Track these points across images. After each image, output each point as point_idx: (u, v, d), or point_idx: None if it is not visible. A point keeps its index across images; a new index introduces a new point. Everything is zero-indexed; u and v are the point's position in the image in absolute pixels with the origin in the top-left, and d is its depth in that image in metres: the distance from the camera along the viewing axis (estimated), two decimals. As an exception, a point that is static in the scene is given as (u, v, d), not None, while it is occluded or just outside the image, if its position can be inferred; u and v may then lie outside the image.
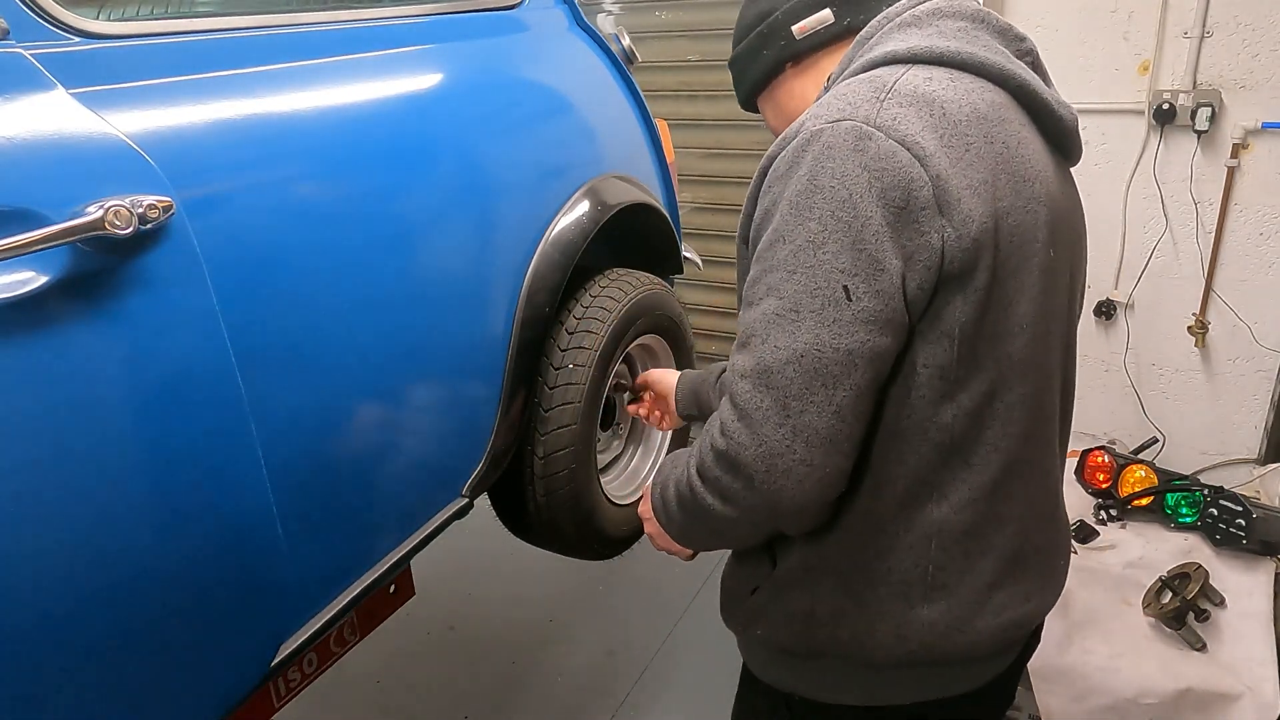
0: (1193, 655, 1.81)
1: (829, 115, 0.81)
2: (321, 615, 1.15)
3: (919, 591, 0.89)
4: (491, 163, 1.38)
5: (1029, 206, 0.83)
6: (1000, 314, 0.82)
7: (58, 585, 0.82)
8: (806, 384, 0.77)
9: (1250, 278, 2.64)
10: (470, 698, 2.32)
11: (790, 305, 0.78)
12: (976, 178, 0.79)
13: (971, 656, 0.93)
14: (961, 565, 0.90)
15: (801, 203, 0.79)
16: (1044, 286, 0.86)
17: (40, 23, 0.88)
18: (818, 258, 0.77)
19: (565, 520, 1.56)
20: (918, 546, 0.88)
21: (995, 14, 0.92)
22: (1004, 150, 0.82)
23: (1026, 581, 0.95)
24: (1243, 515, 2.01)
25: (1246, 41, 2.45)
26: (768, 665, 1.03)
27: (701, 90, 3.25)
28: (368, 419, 1.17)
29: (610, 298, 1.58)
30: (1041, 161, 0.87)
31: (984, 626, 0.91)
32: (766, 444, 0.78)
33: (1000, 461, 0.88)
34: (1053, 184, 0.88)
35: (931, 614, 0.90)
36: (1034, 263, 0.84)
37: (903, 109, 0.80)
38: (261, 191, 1.02)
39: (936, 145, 0.78)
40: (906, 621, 0.90)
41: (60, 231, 0.77)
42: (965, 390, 0.84)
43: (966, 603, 0.90)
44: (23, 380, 0.78)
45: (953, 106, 0.81)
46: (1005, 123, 0.84)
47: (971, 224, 0.78)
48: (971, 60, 0.85)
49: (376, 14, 1.35)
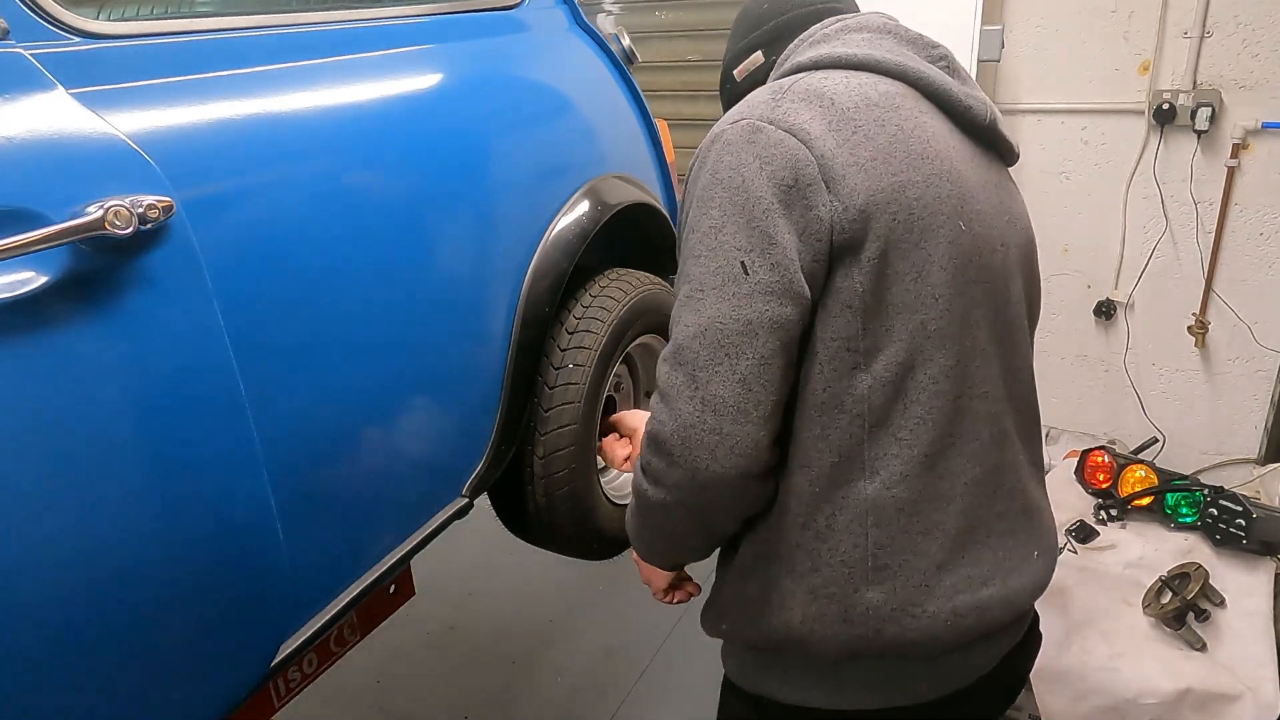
0: (1193, 655, 1.81)
1: (731, 118, 0.90)
2: (321, 615, 1.15)
3: (860, 572, 0.89)
4: (491, 162, 1.38)
5: (929, 181, 0.87)
6: (909, 284, 0.86)
7: (58, 585, 0.82)
8: (711, 355, 0.83)
9: (1250, 278, 2.64)
10: (470, 698, 2.32)
11: (697, 286, 0.85)
12: (864, 155, 0.85)
13: (930, 646, 0.91)
14: (903, 544, 0.89)
15: (705, 195, 0.87)
16: (956, 258, 0.88)
17: (40, 23, 0.88)
18: (718, 240, 0.84)
19: (565, 520, 1.56)
20: (854, 526, 0.89)
21: (905, 27, 0.99)
22: (897, 131, 0.87)
23: (982, 564, 0.93)
24: (1243, 515, 2.01)
25: (1246, 41, 2.45)
26: (739, 668, 1.05)
27: (701, 90, 3.25)
28: (368, 419, 1.17)
29: (610, 298, 1.58)
30: (945, 144, 0.91)
31: (936, 610, 0.90)
32: (680, 417, 0.84)
33: (930, 435, 0.88)
34: (962, 165, 0.92)
35: (876, 596, 0.89)
36: (941, 234, 0.87)
37: (794, 104, 0.87)
38: (261, 191, 1.02)
39: (823, 129, 0.85)
40: (852, 604, 0.89)
41: (60, 231, 0.77)
42: (878, 361, 0.86)
43: (913, 585, 0.90)
44: (23, 380, 0.78)
45: (842, 97, 0.88)
46: (899, 109, 0.89)
47: (857, 196, 0.83)
48: (868, 60, 0.93)
49: (376, 14, 1.35)
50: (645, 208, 1.69)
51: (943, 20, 2.43)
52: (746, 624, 0.97)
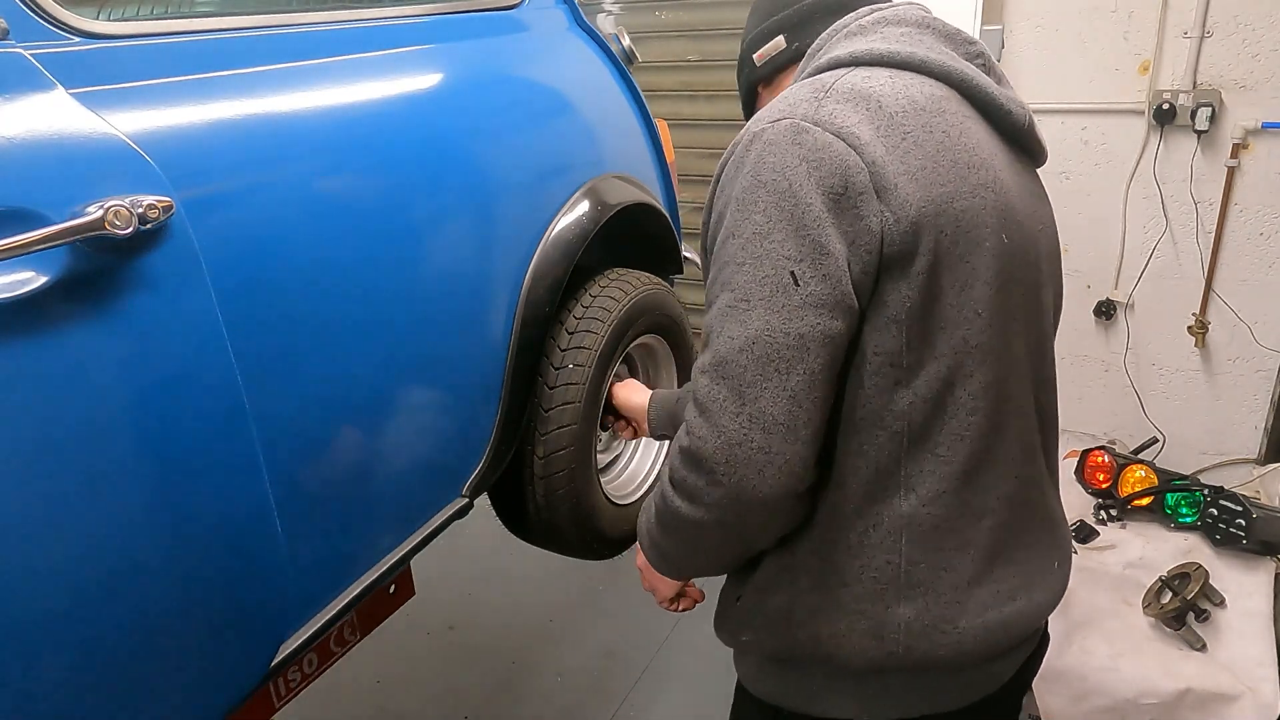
0: (1193, 655, 1.81)
1: (770, 116, 0.85)
2: (321, 615, 1.15)
3: (894, 589, 0.88)
4: (491, 162, 1.38)
5: (976, 192, 0.84)
6: (953, 299, 0.83)
7: (57, 585, 0.82)
8: (760, 371, 0.78)
9: (1250, 278, 2.64)
10: (470, 698, 2.32)
11: (741, 296, 0.80)
12: (914, 164, 0.81)
13: (958, 661, 0.91)
14: (936, 561, 0.88)
15: (747, 198, 0.82)
16: (999, 272, 0.86)
17: (40, 23, 0.88)
18: (764, 247, 0.79)
19: (565, 520, 1.56)
20: (888, 542, 0.87)
21: (942, 20, 0.95)
22: (944, 138, 0.84)
23: (1010, 579, 0.92)
24: (1243, 515, 2.01)
25: (1246, 41, 2.45)
26: (757, 678, 1.03)
27: (701, 90, 3.25)
28: (368, 419, 1.17)
29: (610, 298, 1.58)
30: (988, 151, 0.88)
31: (967, 626, 0.89)
32: (725, 434, 0.79)
33: (968, 451, 0.86)
34: (1004, 173, 0.89)
35: (908, 612, 0.88)
36: (985, 247, 0.84)
37: (839, 105, 0.83)
38: (261, 191, 1.02)
39: (872, 135, 0.81)
40: (884, 621, 0.88)
41: (60, 231, 0.77)
42: (920, 377, 0.83)
43: (945, 601, 0.89)
44: (23, 380, 0.78)
45: (889, 99, 0.84)
46: (945, 113, 0.86)
47: (909, 207, 0.80)
48: (912, 59, 0.88)
49: (376, 14, 1.35)
50: (645, 208, 1.69)
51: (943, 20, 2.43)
52: (769, 636, 0.95)
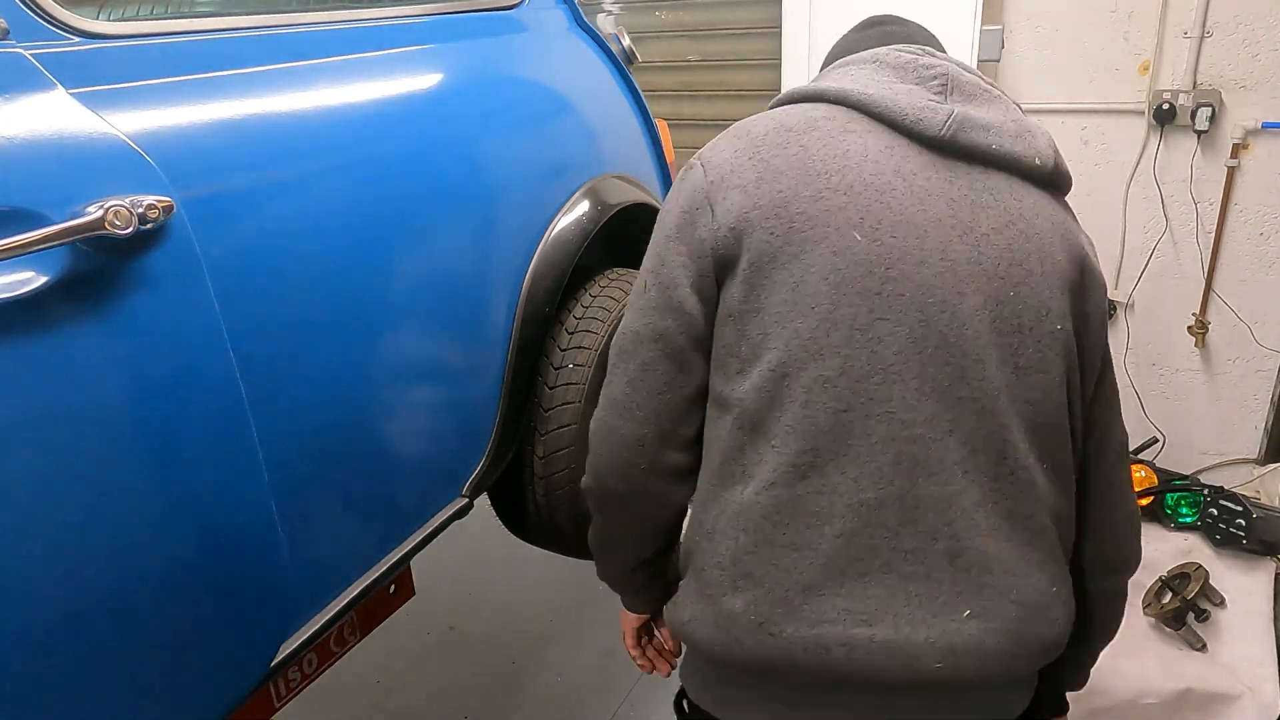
0: (1193, 655, 1.81)
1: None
2: (321, 615, 1.15)
3: (729, 577, 0.89)
4: (491, 163, 1.38)
5: (819, 195, 0.89)
6: (786, 294, 0.89)
7: (58, 585, 0.82)
8: (615, 359, 0.97)
9: (1250, 278, 2.64)
10: (470, 698, 2.32)
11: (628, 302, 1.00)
12: (752, 176, 0.92)
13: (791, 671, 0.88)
14: (767, 554, 0.87)
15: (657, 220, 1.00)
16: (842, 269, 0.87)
17: (40, 23, 0.89)
18: (643, 263, 0.99)
19: (565, 520, 1.56)
20: (729, 528, 0.90)
21: (903, 54, 0.97)
22: (800, 151, 0.92)
23: (865, 600, 0.86)
24: (1243, 515, 2.01)
25: (1246, 41, 2.45)
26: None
27: (701, 90, 3.25)
28: (368, 419, 1.17)
29: (610, 298, 1.58)
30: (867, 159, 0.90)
31: (794, 634, 0.86)
32: (597, 412, 1.00)
33: (800, 444, 0.86)
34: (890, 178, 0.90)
35: (738, 603, 0.88)
36: (824, 246, 0.88)
37: (727, 139, 0.97)
38: (261, 191, 1.02)
39: (729, 158, 0.94)
40: (720, 609, 0.90)
41: (60, 231, 0.77)
42: (756, 366, 0.90)
43: (773, 599, 0.87)
44: (23, 380, 0.78)
45: (760, 126, 0.96)
46: (815, 130, 0.93)
47: (730, 215, 0.91)
48: (812, 92, 0.99)
49: (376, 14, 1.35)
50: (645, 208, 1.69)
51: (943, 20, 2.43)
52: (668, 614, 1.01)
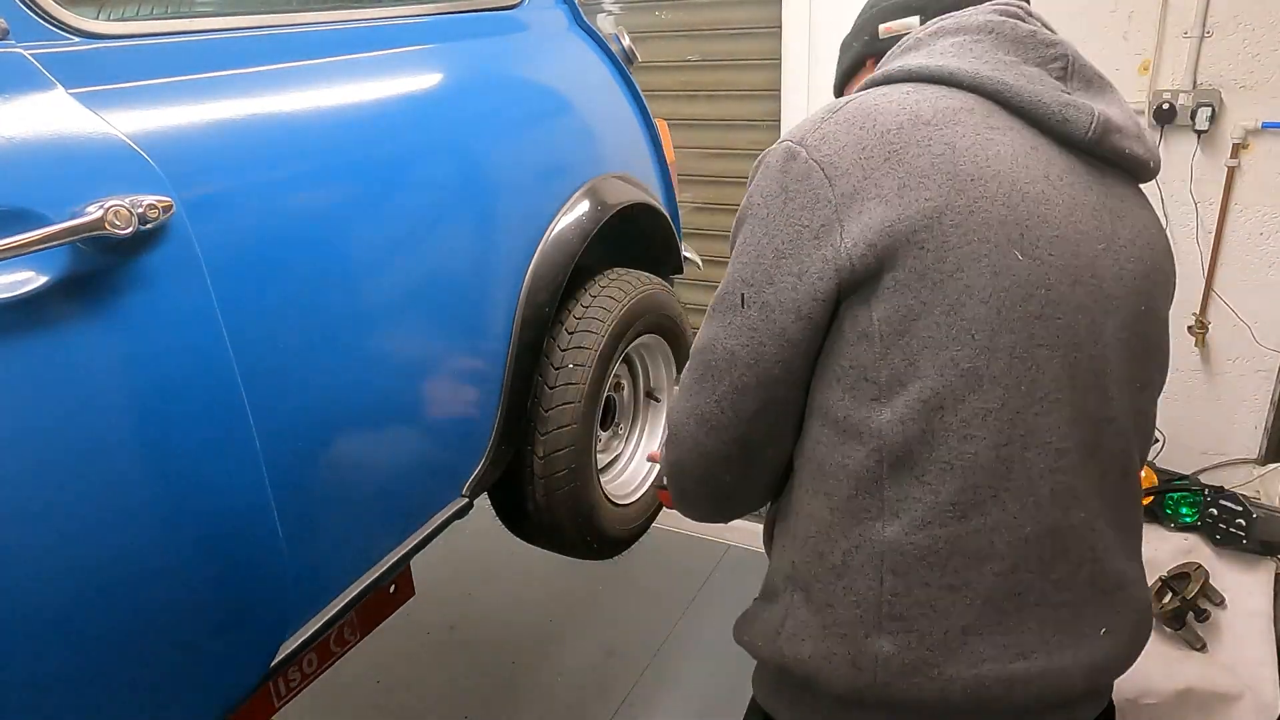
0: (1193, 655, 1.81)
1: (784, 136, 0.88)
2: (321, 615, 1.15)
3: (873, 618, 0.84)
4: (491, 162, 1.38)
5: (975, 206, 0.79)
6: (940, 317, 0.79)
7: (57, 585, 0.82)
8: (701, 372, 0.90)
9: (1250, 278, 2.63)
10: (470, 698, 2.32)
11: (714, 302, 0.90)
12: (893, 183, 0.79)
13: (942, 709, 0.85)
14: (922, 597, 0.83)
15: (741, 216, 0.89)
16: (1004, 290, 0.80)
17: (40, 23, 0.89)
18: (735, 266, 0.87)
19: (565, 520, 1.56)
20: (869, 566, 0.84)
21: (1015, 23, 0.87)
22: (945, 150, 0.80)
23: (1023, 635, 0.84)
24: (1243, 515, 2.01)
25: (1246, 41, 2.45)
26: (759, 682, 1.02)
27: (701, 90, 3.25)
28: (368, 419, 1.17)
29: (610, 298, 1.58)
30: (1019, 162, 0.82)
31: (955, 675, 0.83)
32: (675, 412, 0.95)
33: (959, 483, 0.81)
34: (1042, 186, 0.83)
35: (888, 646, 0.84)
36: (983, 264, 0.79)
37: (837, 127, 0.83)
38: (261, 191, 1.02)
39: (855, 158, 0.81)
40: (862, 650, 0.84)
41: (60, 231, 0.77)
42: (901, 396, 0.81)
43: (931, 642, 0.83)
44: (22, 380, 0.78)
45: (887, 117, 0.82)
46: (957, 124, 0.82)
47: (871, 231, 0.79)
48: (939, 72, 0.86)
49: (376, 14, 1.35)
50: (645, 208, 1.69)
51: (943, 20, 2.43)
52: (765, 644, 0.94)
